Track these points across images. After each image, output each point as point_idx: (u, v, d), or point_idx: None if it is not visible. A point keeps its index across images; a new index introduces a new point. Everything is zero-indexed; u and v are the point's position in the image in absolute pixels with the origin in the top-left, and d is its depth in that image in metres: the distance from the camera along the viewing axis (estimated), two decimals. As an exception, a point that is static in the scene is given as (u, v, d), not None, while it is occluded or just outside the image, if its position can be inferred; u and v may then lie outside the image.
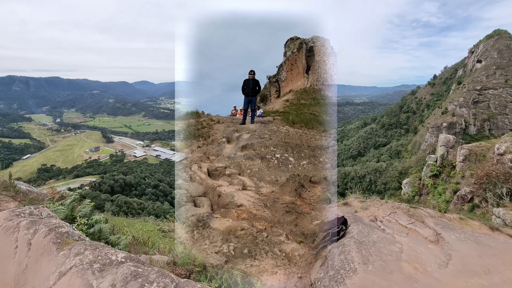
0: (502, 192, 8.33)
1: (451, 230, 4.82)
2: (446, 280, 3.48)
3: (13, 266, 2.63)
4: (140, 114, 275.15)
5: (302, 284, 3.73)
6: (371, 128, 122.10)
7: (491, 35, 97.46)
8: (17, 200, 4.25)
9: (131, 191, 66.63)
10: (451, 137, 16.05)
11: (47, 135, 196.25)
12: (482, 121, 73.89)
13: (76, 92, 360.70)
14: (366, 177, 73.71)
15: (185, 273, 3.12)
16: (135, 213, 39.99)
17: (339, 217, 5.16)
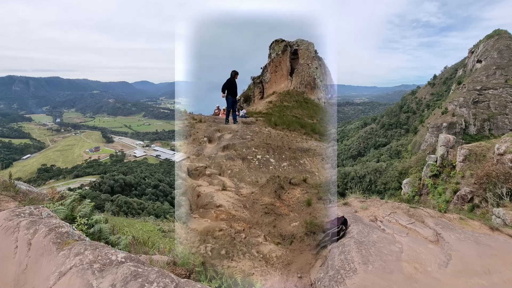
0: (502, 192, 8.33)
1: (451, 230, 4.82)
2: (446, 280, 3.48)
3: (13, 266, 2.63)
4: (140, 114, 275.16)
5: (302, 284, 3.73)
6: (371, 128, 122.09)
7: (491, 35, 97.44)
8: (17, 200, 4.25)
9: (131, 191, 66.61)
10: (451, 137, 16.05)
11: (47, 135, 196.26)
12: (482, 121, 73.88)
13: (76, 92, 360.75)
14: (366, 177, 73.71)
15: (185, 273, 3.12)
16: (135, 213, 39.98)
17: (339, 217, 5.16)
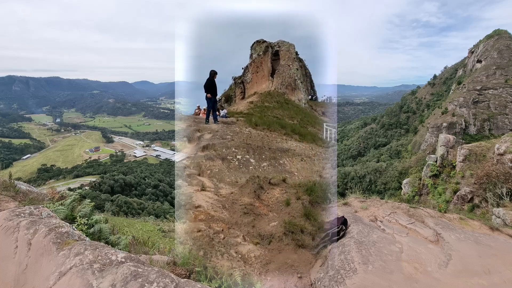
0: (502, 192, 8.33)
1: (451, 230, 4.82)
2: (446, 280, 3.48)
3: (13, 266, 2.63)
4: (140, 114, 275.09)
5: (302, 284, 3.74)
6: (371, 128, 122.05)
7: (491, 35, 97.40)
8: (17, 200, 4.25)
9: (131, 191, 66.60)
10: (451, 137, 16.04)
11: (47, 135, 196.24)
12: (482, 121, 73.86)
13: (76, 92, 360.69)
14: (366, 177, 73.69)
15: (185, 273, 3.12)
16: (135, 213, 39.97)
17: (339, 217, 5.16)
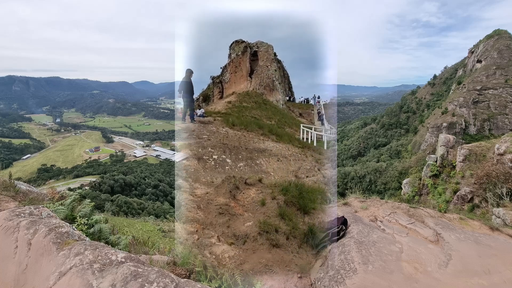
0: (502, 192, 8.33)
1: (451, 230, 4.82)
2: (446, 280, 3.48)
3: (13, 266, 2.63)
4: (140, 114, 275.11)
5: (302, 284, 3.74)
6: (371, 128, 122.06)
7: (491, 35, 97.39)
8: (17, 200, 4.25)
9: (131, 191, 66.61)
10: (451, 137, 16.05)
11: (47, 135, 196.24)
12: (482, 121, 73.87)
13: (76, 92, 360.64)
14: (366, 177, 73.71)
15: (185, 273, 3.12)
16: (135, 213, 39.98)
17: (339, 217, 5.16)
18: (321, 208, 6.30)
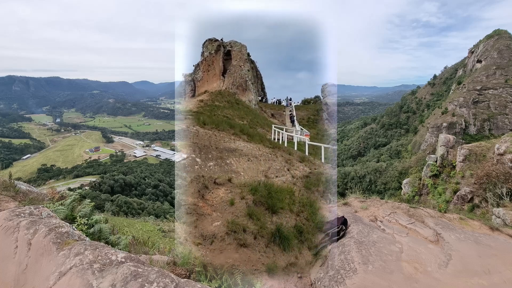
0: (502, 192, 8.33)
1: (451, 230, 4.82)
2: (446, 280, 3.48)
3: (13, 266, 2.63)
4: (140, 114, 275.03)
5: (302, 284, 3.74)
6: (371, 128, 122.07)
7: (491, 35, 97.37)
8: (17, 200, 4.25)
9: (131, 191, 66.61)
10: (451, 137, 16.05)
11: (47, 135, 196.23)
12: (482, 121, 73.86)
13: (76, 92, 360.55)
14: (366, 177, 73.71)
15: (185, 273, 3.11)
16: (135, 213, 39.98)
17: (339, 217, 5.17)
18: (289, 207, 6.33)
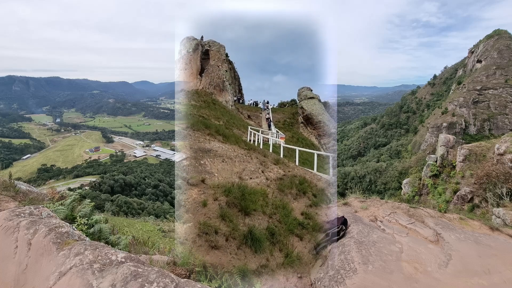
0: (502, 192, 8.33)
1: (451, 230, 4.82)
2: (446, 280, 3.48)
3: (13, 266, 2.63)
4: (140, 114, 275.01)
5: (302, 284, 3.74)
6: (371, 128, 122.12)
7: (491, 35, 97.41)
8: (17, 200, 4.25)
9: (131, 191, 66.62)
10: (451, 137, 16.06)
11: (47, 135, 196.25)
12: (482, 121, 73.89)
13: (76, 92, 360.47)
14: (366, 177, 73.74)
15: (185, 273, 3.11)
16: (135, 213, 39.99)
17: (339, 217, 5.17)
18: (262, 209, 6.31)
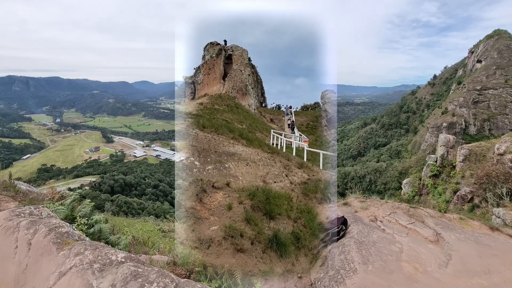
0: (502, 192, 8.33)
1: (451, 230, 4.82)
2: (446, 280, 3.48)
3: (13, 266, 2.63)
4: (140, 114, 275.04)
5: (302, 284, 3.74)
6: (371, 128, 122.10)
7: (491, 35, 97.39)
8: (17, 200, 4.25)
9: (131, 191, 66.61)
10: (451, 137, 16.05)
11: (47, 135, 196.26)
12: (482, 121, 73.88)
13: (76, 92, 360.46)
14: (366, 177, 73.72)
15: (185, 273, 3.11)
16: (135, 213, 39.98)
17: (339, 217, 5.17)
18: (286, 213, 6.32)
